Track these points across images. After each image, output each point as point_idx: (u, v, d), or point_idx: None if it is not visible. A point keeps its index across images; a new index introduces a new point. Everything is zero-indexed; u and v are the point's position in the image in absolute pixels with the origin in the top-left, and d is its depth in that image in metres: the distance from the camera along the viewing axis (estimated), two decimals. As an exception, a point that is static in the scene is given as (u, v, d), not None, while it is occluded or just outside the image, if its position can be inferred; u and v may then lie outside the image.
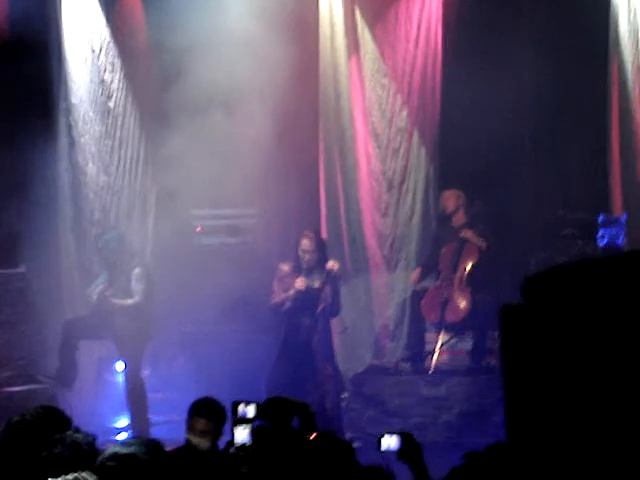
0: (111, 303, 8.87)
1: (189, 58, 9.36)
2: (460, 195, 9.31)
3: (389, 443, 4.40)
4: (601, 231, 9.17)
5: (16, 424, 4.14)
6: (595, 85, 9.31)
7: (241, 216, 10.09)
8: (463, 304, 9.08)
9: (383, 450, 4.40)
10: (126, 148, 10.00)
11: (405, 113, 9.85)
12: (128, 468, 3.60)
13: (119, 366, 9.47)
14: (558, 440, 1.86)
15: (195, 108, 9.36)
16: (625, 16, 9.25)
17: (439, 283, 9.25)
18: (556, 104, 9.38)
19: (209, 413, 5.42)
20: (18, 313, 8.81)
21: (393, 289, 9.83)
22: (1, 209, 9.21)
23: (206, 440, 5.33)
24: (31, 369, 8.82)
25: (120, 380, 9.42)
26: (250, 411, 4.45)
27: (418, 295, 9.27)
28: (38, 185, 9.40)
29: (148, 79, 9.81)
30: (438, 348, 9.07)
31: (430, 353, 9.12)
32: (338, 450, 4.07)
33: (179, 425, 6.03)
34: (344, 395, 9.42)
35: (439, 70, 9.68)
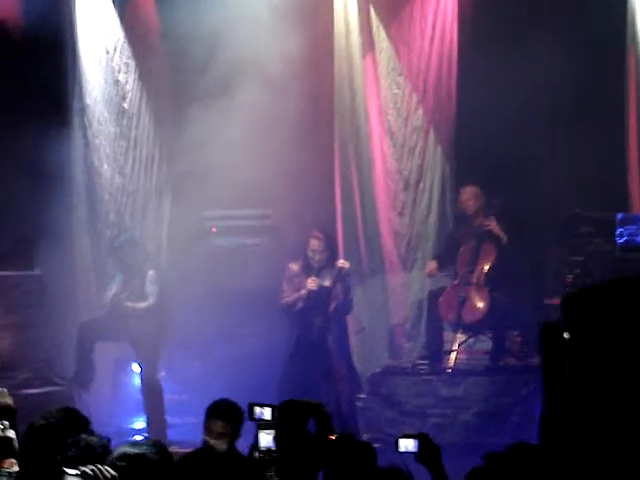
0: (125, 306, 8.86)
1: (204, 56, 9.34)
2: (479, 192, 9.26)
3: (407, 445, 4.39)
4: (619, 229, 9.10)
5: (41, 428, 4.15)
6: (613, 82, 9.24)
7: (256, 217, 10.07)
8: (481, 304, 9.02)
9: (401, 451, 4.37)
10: (141, 149, 10.00)
11: (421, 112, 9.81)
12: (137, 468, 3.58)
13: (135, 368, 9.46)
14: (597, 450, 1.85)
15: (210, 109, 9.33)
16: (643, 11, 9.19)
17: (456, 282, 9.20)
18: (573, 101, 9.32)
19: (226, 415, 5.39)
20: (34, 315, 8.80)
21: (410, 288, 9.79)
22: (16, 211, 9.21)
23: (223, 442, 5.30)
24: (48, 371, 8.82)
25: (136, 382, 9.42)
26: (266, 413, 4.42)
27: (435, 294, 9.22)
28: (53, 187, 9.39)
29: (162, 79, 9.79)
30: (456, 348, 9.01)
31: (448, 353, 9.07)
32: (359, 452, 4.04)
33: (196, 427, 6.00)
34: (361, 395, 9.39)
35: (455, 68, 9.63)
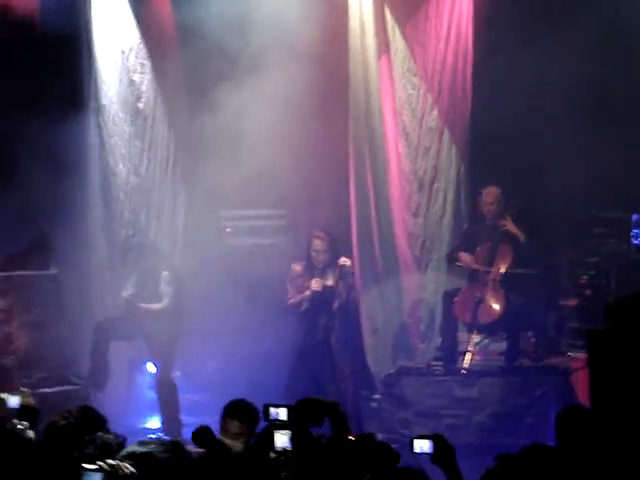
0: (139, 307, 8.88)
1: (219, 58, 9.36)
2: (500, 194, 9.23)
3: (422, 445, 4.38)
4: (635, 230, 9.08)
5: (62, 427, 4.19)
6: (630, 81, 9.21)
7: (271, 217, 10.07)
8: (497, 305, 9.01)
9: (416, 452, 4.37)
10: (156, 149, 10.02)
11: (435, 112, 9.79)
12: (144, 467, 3.59)
13: (150, 367, 9.48)
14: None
15: (224, 110, 9.35)
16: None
17: (473, 284, 9.18)
18: (589, 101, 9.28)
19: (242, 415, 5.40)
20: (50, 314, 8.83)
21: (424, 289, 9.78)
22: (32, 211, 9.24)
23: (239, 442, 5.31)
24: (64, 370, 8.84)
25: (151, 381, 9.44)
26: (282, 414, 4.42)
27: (450, 295, 9.21)
28: (69, 187, 9.42)
29: (178, 80, 9.80)
30: (470, 349, 9.00)
31: (462, 354, 9.06)
32: (378, 452, 4.05)
33: (211, 426, 6.01)
34: (375, 396, 9.40)
35: (470, 69, 9.61)
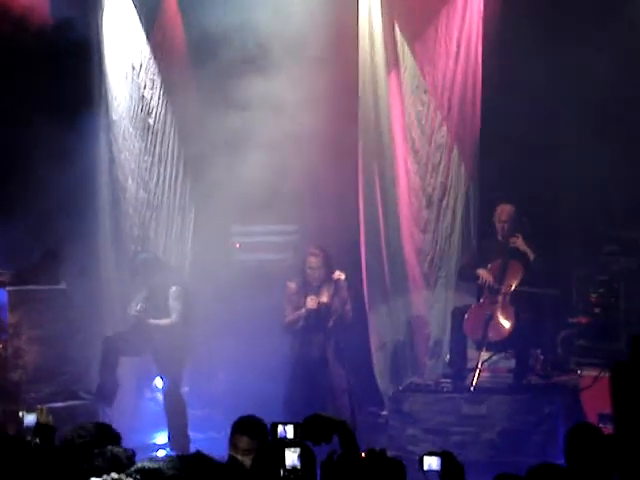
0: (147, 323, 8.89)
1: (229, 73, 9.39)
2: (512, 210, 9.23)
3: (431, 463, 4.37)
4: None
5: (80, 446, 4.22)
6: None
7: (280, 233, 10.08)
8: (507, 322, 8.98)
9: (425, 470, 4.36)
10: (165, 164, 10.04)
11: (445, 129, 9.80)
12: None
13: (159, 383, 9.48)
14: None
15: (235, 124, 9.37)
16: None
17: (482, 300, 9.17)
18: (602, 117, 9.26)
19: (253, 431, 5.40)
20: (59, 329, 8.83)
21: (433, 306, 9.77)
22: (41, 226, 9.26)
23: (249, 458, 5.29)
24: (73, 385, 8.84)
25: (160, 397, 9.43)
26: (289, 431, 4.41)
27: (460, 312, 9.19)
28: (78, 201, 9.45)
29: (188, 95, 9.83)
30: (480, 366, 8.98)
31: (471, 371, 9.03)
32: (389, 469, 4.04)
33: (218, 442, 6.01)
34: (383, 412, 9.38)
35: (479, 85, 9.62)
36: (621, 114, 9.23)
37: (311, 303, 8.86)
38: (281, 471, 4.09)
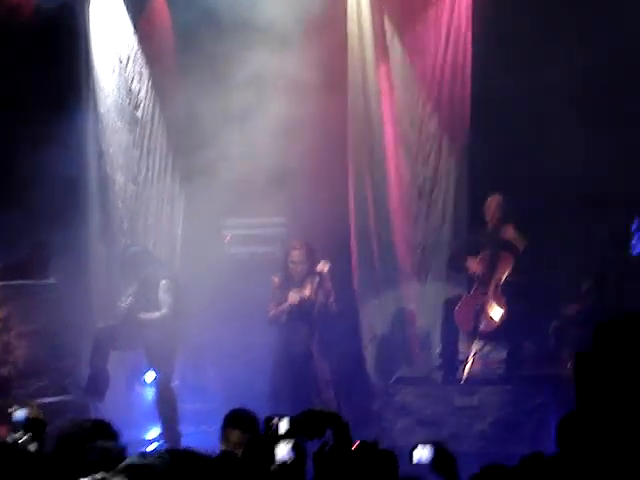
0: (138, 317, 8.86)
1: (217, 65, 9.35)
2: (502, 200, 9.20)
3: (422, 454, 4.36)
4: (635, 237, 9.04)
5: (77, 442, 4.19)
6: (630, 86, 9.19)
7: (270, 225, 10.05)
8: (498, 313, 8.98)
9: (416, 461, 4.35)
10: (154, 157, 10.00)
11: (435, 120, 9.78)
12: (142, 478, 3.58)
13: (149, 377, 9.45)
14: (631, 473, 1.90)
15: (223, 116, 9.34)
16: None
17: (473, 291, 9.16)
18: (589, 105, 9.25)
19: (244, 425, 5.37)
20: (50, 324, 8.80)
21: (424, 297, 9.74)
22: (30, 220, 9.21)
23: (241, 451, 5.27)
24: (63, 380, 8.81)
25: (151, 391, 9.41)
26: (283, 425, 4.39)
27: (451, 303, 9.18)
28: (67, 195, 9.41)
29: (176, 88, 9.79)
30: (471, 357, 8.97)
31: (462, 362, 9.03)
32: (381, 460, 4.03)
33: (210, 436, 5.99)
34: (375, 405, 9.37)
35: (468, 76, 9.60)
36: (608, 100, 9.22)
37: (293, 298, 8.84)
38: (272, 465, 4.08)
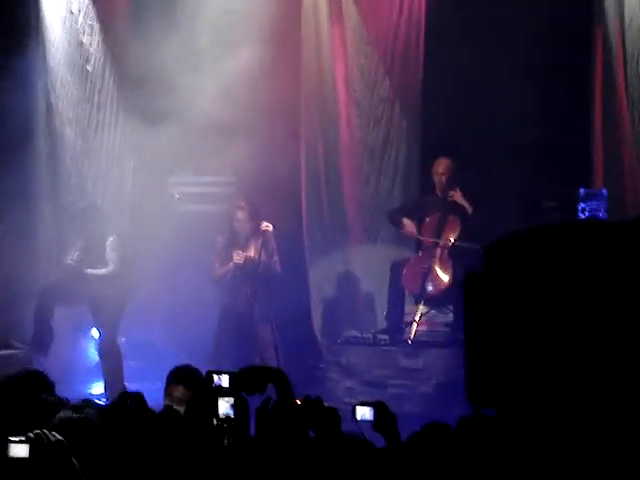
0: (84, 272, 8.79)
1: (170, 18, 9.24)
2: (452, 165, 9.22)
3: (364, 413, 4.40)
4: (582, 205, 9.13)
5: (11, 394, 4.15)
6: (579, 56, 9.26)
7: (220, 184, 9.99)
8: (445, 276, 9.03)
9: (358, 419, 4.38)
10: (104, 113, 9.88)
11: (387, 82, 9.76)
12: (79, 432, 3.56)
13: (95, 333, 9.41)
14: (517, 394, 1.93)
15: (175, 72, 9.24)
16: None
17: (421, 254, 9.19)
18: (540, 75, 9.30)
19: (188, 381, 5.37)
20: (-8, 278, 8.73)
21: (373, 259, 9.76)
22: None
23: (184, 408, 5.26)
24: (6, 335, 8.74)
25: (95, 347, 9.37)
26: (224, 380, 4.39)
27: (398, 266, 9.21)
28: (14, 150, 9.27)
29: (128, 42, 9.66)
30: (417, 320, 9.02)
31: (409, 324, 9.08)
32: (324, 416, 4.05)
33: (155, 393, 5.96)
34: (321, 365, 9.40)
35: (422, 38, 9.58)
36: (561, 69, 9.28)
37: (237, 258, 8.82)
38: (214, 420, 4.08)
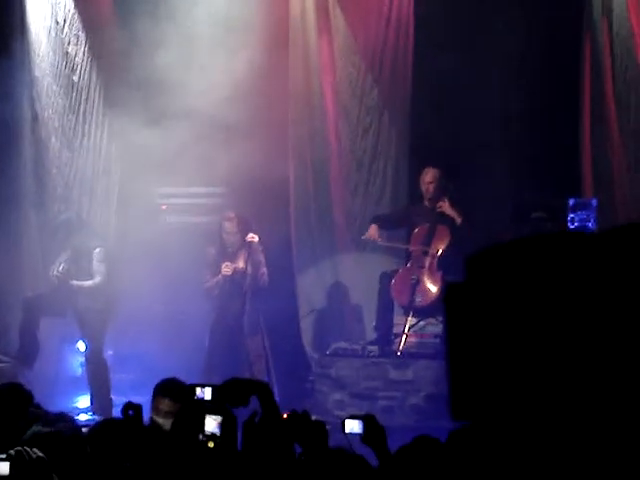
0: (70, 284, 8.72)
1: (155, 29, 9.20)
2: (440, 175, 9.16)
3: (353, 426, 4.35)
4: (571, 215, 9.09)
5: None
6: (569, 64, 9.24)
7: (207, 195, 9.95)
8: (434, 287, 8.97)
9: (347, 433, 4.33)
10: (90, 123, 9.82)
11: (376, 91, 9.73)
12: (52, 446, 3.51)
13: (81, 346, 9.33)
14: (501, 410, 1.88)
15: (162, 83, 9.19)
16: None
17: (410, 265, 9.14)
18: (528, 83, 9.28)
19: (174, 394, 5.31)
20: (-23, 290, 8.65)
21: (362, 270, 9.71)
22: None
23: (171, 421, 5.20)
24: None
25: (82, 360, 9.29)
26: (207, 393, 4.34)
27: (387, 277, 9.15)
28: (0, 160, 9.21)
29: (113, 52, 9.61)
30: (406, 331, 8.97)
31: (398, 336, 9.02)
32: (311, 430, 3.99)
33: (143, 405, 5.90)
34: (310, 377, 9.34)
35: (411, 47, 9.56)
36: (550, 78, 9.26)
37: (226, 269, 8.79)
38: (200, 436, 4.02)
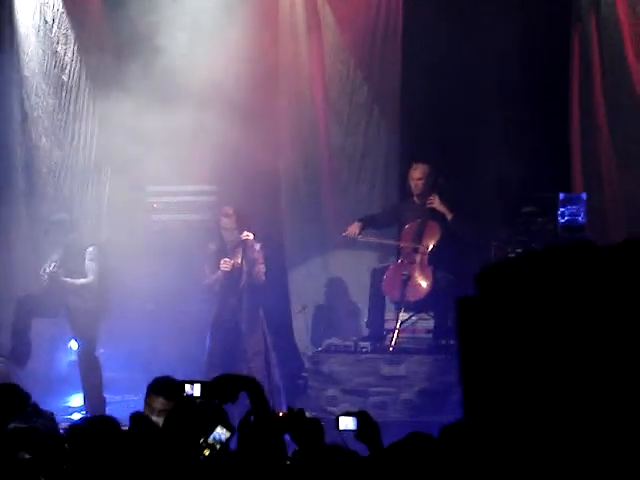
0: (62, 282, 8.72)
1: (145, 27, 9.19)
2: (430, 171, 9.15)
3: (347, 422, 4.36)
4: (561, 209, 9.12)
5: None
6: (557, 61, 9.26)
7: (200, 193, 9.94)
8: (425, 282, 8.98)
9: (341, 429, 4.34)
10: (80, 122, 9.81)
11: (365, 88, 9.74)
12: (31, 441, 3.53)
13: (73, 344, 9.33)
14: (514, 428, 1.89)
15: (152, 81, 9.19)
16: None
17: (401, 261, 9.15)
18: (518, 78, 9.29)
19: (168, 392, 5.31)
20: (-31, 290, 8.64)
21: (353, 266, 9.72)
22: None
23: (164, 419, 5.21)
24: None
25: (74, 359, 9.29)
26: (196, 390, 4.35)
27: (379, 273, 9.16)
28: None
29: (103, 51, 9.60)
30: (398, 327, 8.98)
31: (390, 331, 9.04)
32: (307, 428, 4.00)
33: (135, 404, 5.92)
34: (303, 374, 9.35)
35: (400, 43, 9.56)
36: (539, 73, 9.27)
37: (224, 265, 8.79)
38: (201, 440, 4.02)
